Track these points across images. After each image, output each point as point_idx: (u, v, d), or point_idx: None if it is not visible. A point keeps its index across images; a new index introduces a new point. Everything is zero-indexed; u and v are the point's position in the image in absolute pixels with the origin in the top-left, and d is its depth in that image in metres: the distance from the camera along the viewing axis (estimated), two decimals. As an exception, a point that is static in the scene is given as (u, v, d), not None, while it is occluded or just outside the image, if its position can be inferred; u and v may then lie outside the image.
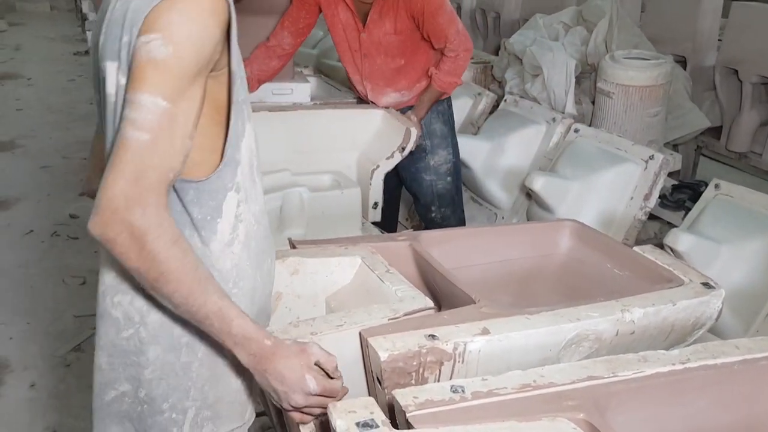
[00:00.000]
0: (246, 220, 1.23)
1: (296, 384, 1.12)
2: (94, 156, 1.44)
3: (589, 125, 3.39)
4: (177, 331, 1.21)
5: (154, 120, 1.01)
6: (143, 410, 1.25)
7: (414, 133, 2.87)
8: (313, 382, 1.13)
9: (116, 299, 1.21)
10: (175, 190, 1.15)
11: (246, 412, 1.34)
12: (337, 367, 1.17)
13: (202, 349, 1.23)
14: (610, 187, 2.92)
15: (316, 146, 3.04)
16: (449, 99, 3.09)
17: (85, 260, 3.78)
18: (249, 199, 1.24)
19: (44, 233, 4.22)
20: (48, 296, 3.52)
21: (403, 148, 2.94)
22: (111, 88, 1.12)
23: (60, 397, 2.78)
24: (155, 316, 1.20)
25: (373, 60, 2.92)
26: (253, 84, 2.99)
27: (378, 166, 2.99)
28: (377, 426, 1.04)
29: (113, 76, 1.11)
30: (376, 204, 3.01)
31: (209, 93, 1.13)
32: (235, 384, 1.29)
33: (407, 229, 3.69)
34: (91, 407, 1.29)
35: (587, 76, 3.78)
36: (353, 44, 2.92)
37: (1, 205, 4.61)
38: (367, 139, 3.06)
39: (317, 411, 1.18)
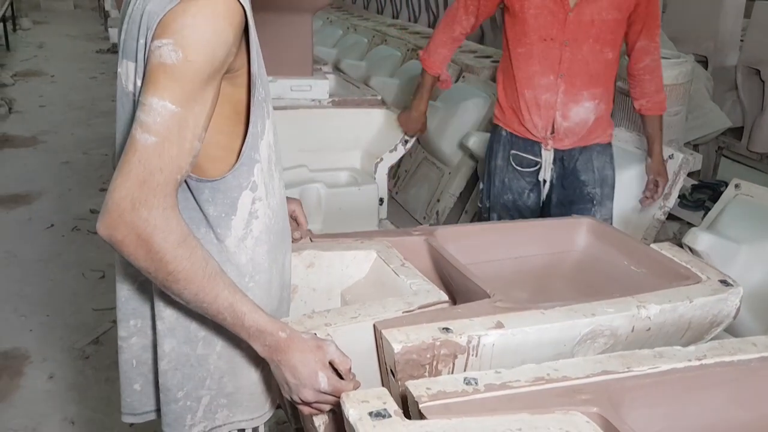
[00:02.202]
0: (263, 215, 1.24)
1: (308, 379, 1.13)
2: None
3: (608, 124, 3.35)
4: (194, 325, 1.23)
5: (163, 123, 1.02)
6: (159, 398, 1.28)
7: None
8: (325, 380, 1.14)
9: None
10: (190, 190, 1.16)
11: (267, 402, 1.35)
12: (351, 369, 1.17)
13: (220, 343, 1.25)
14: (629, 186, 2.90)
15: (322, 145, 3.06)
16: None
17: (104, 254, 3.82)
18: (268, 195, 1.25)
19: (65, 227, 4.27)
20: (67, 289, 3.56)
21: (407, 141, 2.94)
22: (131, 86, 1.14)
23: (78, 389, 2.81)
24: (170, 311, 1.21)
25: (578, 48, 2.38)
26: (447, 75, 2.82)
27: (381, 159, 3.00)
28: (390, 416, 1.04)
29: (132, 76, 1.13)
30: (381, 200, 3.00)
31: (227, 94, 1.13)
32: (255, 375, 1.31)
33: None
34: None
35: (607, 75, 3.74)
36: (549, 31, 2.38)
37: (23, 200, 4.67)
38: (370, 136, 3.07)
39: (326, 408, 1.19)
